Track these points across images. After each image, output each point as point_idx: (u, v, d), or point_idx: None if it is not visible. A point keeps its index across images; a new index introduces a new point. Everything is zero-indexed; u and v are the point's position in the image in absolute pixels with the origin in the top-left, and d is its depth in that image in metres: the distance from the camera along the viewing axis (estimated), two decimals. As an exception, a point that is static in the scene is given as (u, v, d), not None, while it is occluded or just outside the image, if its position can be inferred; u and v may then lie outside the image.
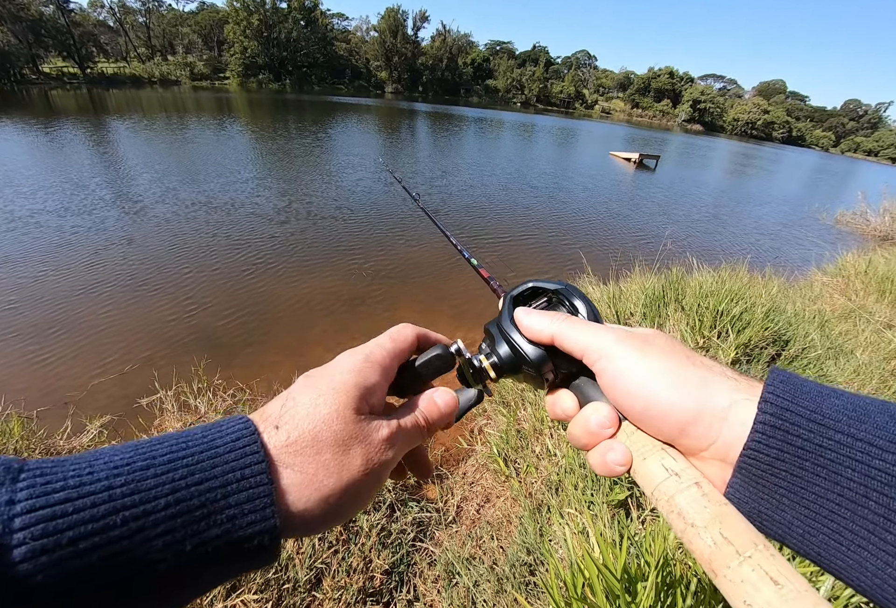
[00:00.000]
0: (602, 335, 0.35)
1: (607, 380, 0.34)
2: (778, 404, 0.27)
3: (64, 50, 42.08)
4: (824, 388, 0.28)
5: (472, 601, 1.65)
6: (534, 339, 0.38)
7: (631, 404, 0.33)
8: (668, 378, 0.31)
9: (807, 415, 0.26)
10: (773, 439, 0.26)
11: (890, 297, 4.84)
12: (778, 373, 0.29)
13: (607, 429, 0.34)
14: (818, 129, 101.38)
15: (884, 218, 10.92)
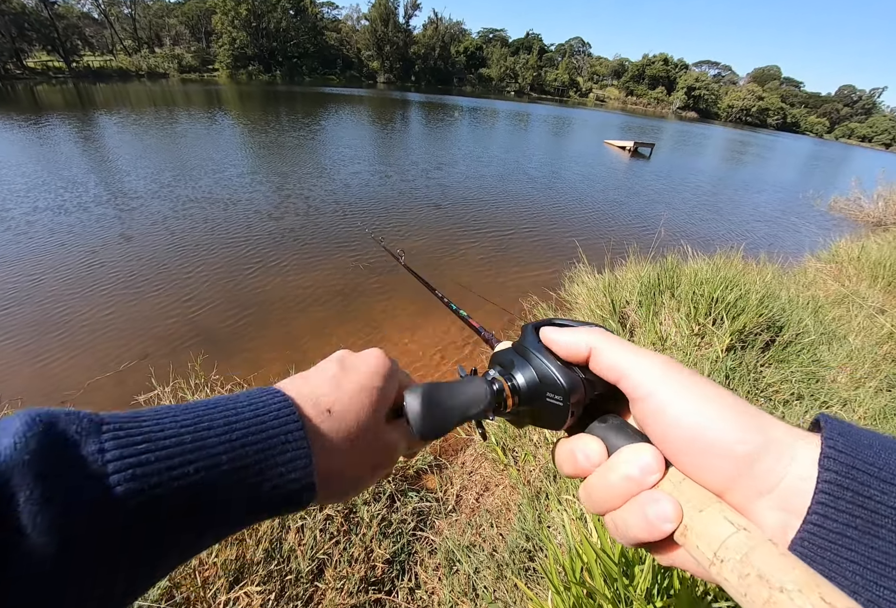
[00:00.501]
0: (647, 356, 0.31)
1: (652, 409, 0.29)
2: (842, 460, 0.24)
3: (48, 43, 41.20)
4: (885, 440, 0.25)
5: (473, 587, 1.68)
6: (568, 353, 0.33)
7: (681, 440, 0.27)
8: (726, 408, 0.27)
9: (875, 472, 0.23)
10: (842, 501, 0.23)
11: (882, 282, 4.87)
12: (833, 424, 0.26)
13: (652, 476, 0.28)
14: (813, 115, 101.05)
15: (877, 203, 10.95)
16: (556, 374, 0.32)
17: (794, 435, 0.26)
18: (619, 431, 0.31)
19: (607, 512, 0.30)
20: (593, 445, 0.31)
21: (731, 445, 0.26)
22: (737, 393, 1.31)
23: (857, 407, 2.47)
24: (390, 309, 4.42)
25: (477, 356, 3.69)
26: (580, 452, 0.31)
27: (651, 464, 0.28)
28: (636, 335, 3.16)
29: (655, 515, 0.26)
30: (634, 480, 0.28)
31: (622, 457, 0.29)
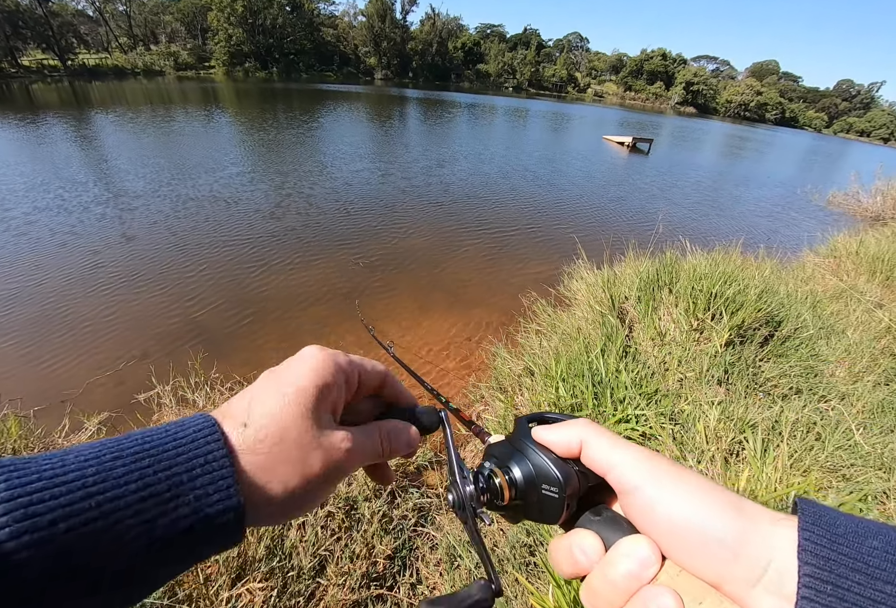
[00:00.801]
0: (632, 450, 0.32)
1: (640, 503, 0.29)
2: (818, 553, 0.25)
3: (43, 42, 40.92)
4: (859, 525, 0.26)
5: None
6: (562, 450, 0.34)
7: (671, 533, 0.28)
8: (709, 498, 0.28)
9: (850, 564, 0.24)
10: (823, 595, 0.24)
11: (881, 276, 4.88)
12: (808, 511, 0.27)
13: (650, 569, 0.28)
14: (811, 109, 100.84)
15: (875, 198, 10.96)
16: (551, 467, 0.33)
17: (773, 520, 0.27)
18: (613, 524, 0.31)
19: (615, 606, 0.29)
20: (590, 540, 0.31)
21: (719, 535, 0.27)
22: (736, 388, 1.31)
23: (855, 401, 2.48)
24: (390, 307, 4.42)
25: (477, 355, 3.69)
26: (577, 549, 0.31)
27: (649, 557, 0.28)
28: (635, 331, 3.17)
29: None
30: (635, 576, 0.28)
31: (621, 550, 0.29)
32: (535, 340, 3.26)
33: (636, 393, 2.43)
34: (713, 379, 2.58)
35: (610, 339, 2.88)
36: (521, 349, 3.32)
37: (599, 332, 3.02)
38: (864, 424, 2.28)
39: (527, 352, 3.16)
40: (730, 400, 2.38)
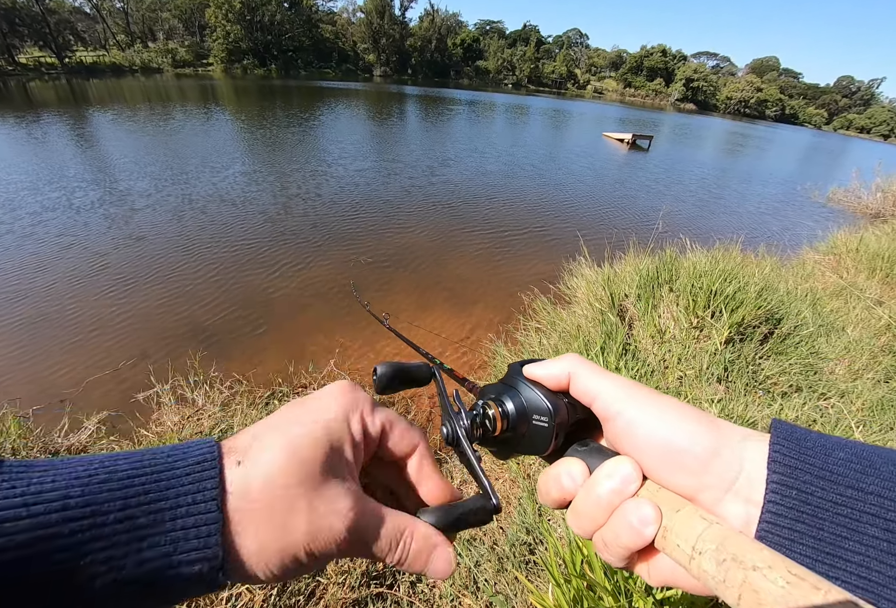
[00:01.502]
0: (615, 378, 0.34)
1: (622, 426, 0.31)
2: (786, 463, 0.27)
3: (40, 39, 40.69)
4: (828, 440, 0.28)
5: (474, 580, 1.69)
6: (552, 383, 0.36)
7: (651, 451, 0.30)
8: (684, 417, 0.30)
9: (815, 472, 0.26)
10: (788, 499, 0.26)
11: (881, 273, 4.88)
12: (780, 428, 0.29)
13: (632, 484, 0.30)
14: (811, 106, 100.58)
15: (876, 195, 10.94)
16: (542, 397, 0.35)
17: (744, 434, 0.29)
18: (598, 452, 0.33)
19: (595, 531, 0.31)
20: (576, 466, 0.32)
21: (693, 448, 0.29)
22: (735, 385, 1.31)
23: (854, 398, 2.48)
24: (390, 306, 4.41)
25: (476, 353, 3.69)
26: (564, 474, 0.32)
27: (631, 473, 0.30)
28: (635, 328, 3.17)
29: (638, 519, 0.28)
30: (617, 491, 0.30)
31: (603, 470, 0.31)
32: (534, 338, 3.25)
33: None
34: (713, 376, 2.58)
35: (610, 337, 2.88)
36: (520, 347, 3.32)
37: (599, 330, 3.01)
38: (864, 422, 2.28)
39: (526, 350, 3.16)
40: (729, 398, 2.38)
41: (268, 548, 0.25)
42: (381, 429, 0.32)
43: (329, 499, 0.27)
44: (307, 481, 0.26)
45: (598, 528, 0.31)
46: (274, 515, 0.25)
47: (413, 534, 0.30)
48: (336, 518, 0.26)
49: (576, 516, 0.32)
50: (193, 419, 2.60)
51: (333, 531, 0.26)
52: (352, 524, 0.27)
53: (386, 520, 0.29)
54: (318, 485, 0.26)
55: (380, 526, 0.28)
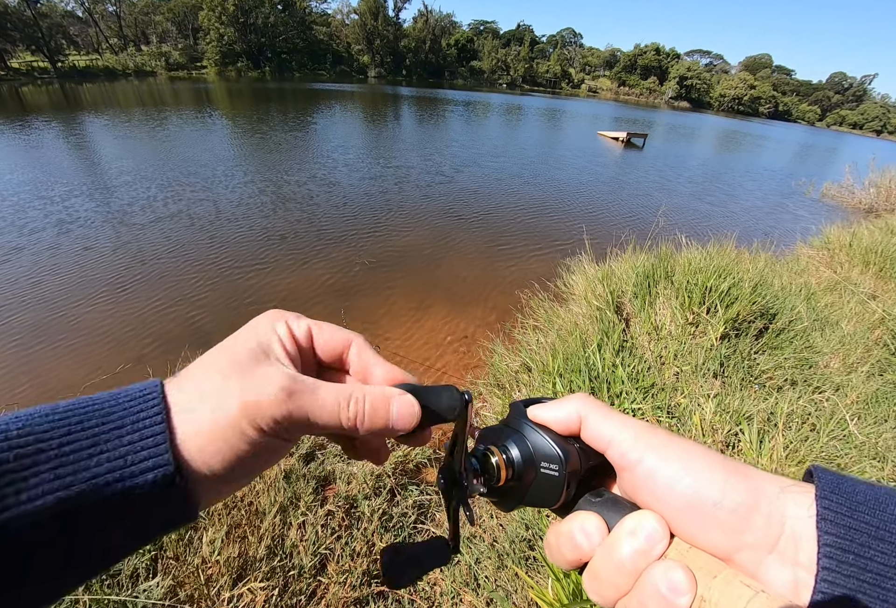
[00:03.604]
0: (631, 423, 0.30)
1: (642, 476, 0.28)
2: (839, 522, 0.23)
3: (32, 43, 40.44)
4: (878, 492, 0.24)
5: (475, 577, 1.70)
6: (561, 427, 0.32)
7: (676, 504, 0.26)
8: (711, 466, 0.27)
9: (873, 532, 0.23)
10: (845, 565, 0.23)
11: (874, 268, 4.91)
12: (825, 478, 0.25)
13: (659, 544, 0.26)
14: (804, 103, 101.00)
15: (869, 190, 11.01)
16: (550, 443, 0.31)
17: (781, 485, 0.26)
18: (615, 504, 0.29)
19: (618, 599, 0.27)
20: (592, 521, 0.28)
21: (724, 499, 0.25)
22: (731, 380, 1.32)
23: (849, 391, 2.50)
24: (388, 304, 4.42)
25: (474, 352, 3.70)
26: (578, 531, 0.28)
27: (657, 531, 0.26)
28: (631, 325, 3.18)
29: (669, 587, 0.24)
30: (642, 552, 0.26)
31: (625, 527, 0.27)
32: (532, 336, 3.26)
33: (633, 387, 2.44)
34: (709, 372, 2.60)
35: (606, 334, 2.89)
36: (518, 345, 3.33)
37: (596, 327, 3.03)
38: (859, 414, 2.30)
39: (524, 348, 3.17)
40: (725, 392, 2.40)
41: (211, 432, 0.25)
42: (308, 331, 0.32)
43: (259, 375, 0.27)
44: (237, 368, 0.27)
45: (621, 596, 0.27)
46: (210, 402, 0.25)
47: (363, 391, 0.29)
48: (266, 383, 0.26)
49: (595, 581, 0.28)
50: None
51: (268, 395, 0.26)
52: (285, 385, 0.27)
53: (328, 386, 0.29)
54: (247, 367, 0.27)
55: (323, 389, 0.28)
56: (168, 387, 0.26)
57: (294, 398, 0.27)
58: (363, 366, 0.33)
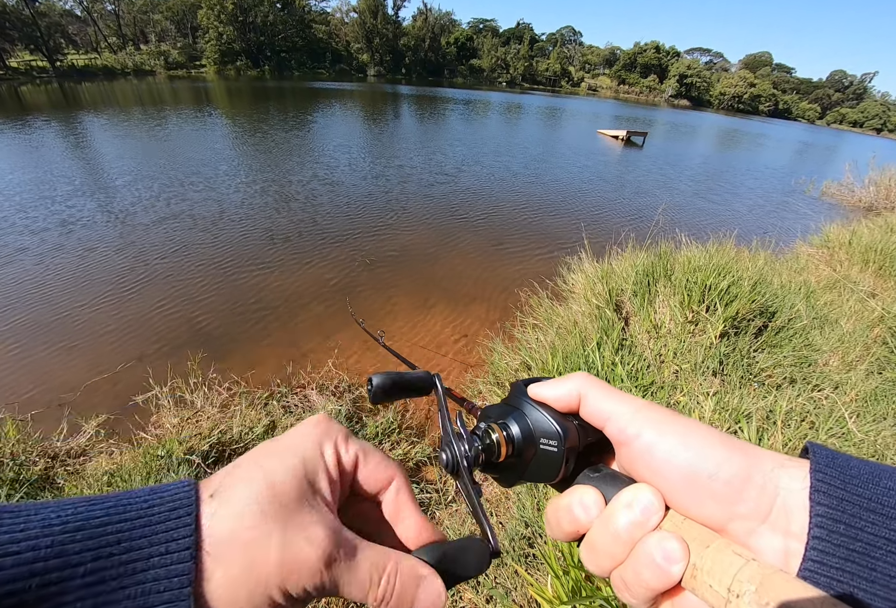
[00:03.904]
0: (629, 399, 0.31)
1: (639, 451, 0.29)
2: (832, 494, 0.24)
3: (31, 43, 40.36)
4: (873, 467, 0.25)
5: (474, 575, 1.70)
6: (561, 404, 0.33)
7: (673, 477, 0.27)
8: (708, 440, 0.27)
9: (864, 504, 0.24)
10: (836, 535, 0.23)
11: (873, 266, 4.91)
12: (821, 454, 0.26)
13: (654, 516, 0.27)
14: (804, 101, 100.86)
15: (868, 189, 11.00)
16: (550, 420, 0.32)
17: (777, 459, 0.26)
18: (613, 479, 0.30)
19: (614, 568, 0.28)
20: (590, 495, 0.29)
21: (720, 472, 0.26)
22: (731, 378, 1.32)
23: (848, 389, 2.50)
24: (390, 304, 4.42)
25: (474, 350, 3.70)
26: (577, 505, 0.29)
27: (652, 503, 0.27)
28: (631, 323, 3.19)
29: (663, 556, 0.25)
30: (637, 523, 0.27)
31: (621, 500, 0.28)
32: (531, 335, 3.27)
33: (632, 385, 2.44)
34: (708, 370, 2.60)
35: (606, 333, 2.89)
36: (517, 344, 3.33)
37: (596, 326, 3.03)
38: (858, 412, 2.30)
39: (523, 346, 3.17)
40: (725, 390, 2.40)
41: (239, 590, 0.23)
42: (355, 459, 0.30)
43: (302, 527, 0.24)
44: (280, 513, 0.24)
45: (616, 566, 0.28)
46: (246, 552, 0.23)
47: (398, 565, 0.27)
48: (309, 547, 0.24)
49: (591, 552, 0.29)
50: (192, 421, 2.61)
51: (307, 561, 0.24)
52: (327, 553, 0.24)
53: (367, 551, 0.26)
54: (292, 515, 0.25)
55: (360, 557, 0.26)
56: (203, 509, 0.24)
57: (332, 568, 0.24)
58: (397, 510, 0.31)
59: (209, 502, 0.25)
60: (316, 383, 3.09)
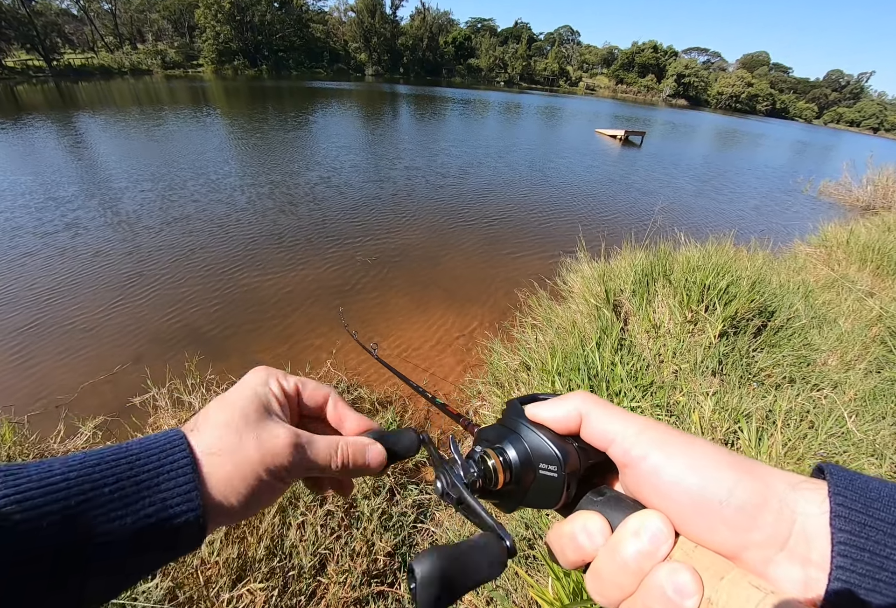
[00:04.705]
0: (634, 419, 0.30)
1: (646, 473, 0.27)
2: (854, 519, 0.23)
3: (27, 42, 40.17)
4: (891, 488, 0.24)
5: (474, 577, 1.69)
6: (560, 425, 0.32)
7: (682, 502, 0.26)
8: (718, 462, 0.26)
9: (888, 529, 0.22)
10: (860, 563, 0.22)
11: (871, 265, 4.92)
12: (837, 475, 0.25)
13: (664, 545, 0.25)
14: (801, 100, 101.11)
15: (866, 188, 11.03)
16: (548, 444, 0.31)
17: (791, 482, 0.25)
18: (618, 503, 0.29)
19: (622, 600, 0.26)
20: (594, 521, 0.28)
21: (731, 497, 0.25)
22: (730, 378, 1.31)
23: (847, 389, 2.50)
24: (385, 304, 4.41)
25: (473, 350, 3.70)
26: (581, 532, 0.28)
27: (661, 531, 0.25)
28: (630, 323, 3.18)
29: (675, 589, 0.23)
30: (646, 553, 0.25)
31: (628, 528, 0.26)
32: (530, 335, 3.26)
33: (632, 385, 2.44)
34: (707, 370, 2.60)
35: (605, 332, 2.89)
36: (516, 344, 3.32)
37: (595, 326, 3.03)
38: (857, 412, 2.30)
39: (522, 346, 3.17)
40: (724, 390, 2.40)
41: (233, 477, 0.31)
42: (296, 387, 0.39)
43: (269, 429, 0.33)
44: (249, 425, 0.33)
45: (625, 597, 0.26)
46: (232, 454, 0.31)
47: (346, 442, 0.37)
48: (277, 438, 0.33)
49: (598, 582, 0.27)
50: (190, 422, 2.59)
51: (279, 446, 0.33)
52: (292, 440, 0.34)
53: (321, 438, 0.36)
54: (259, 424, 0.33)
55: (316, 441, 0.36)
56: (190, 437, 0.32)
57: (298, 450, 0.34)
58: (338, 416, 0.41)
59: (194, 433, 0.32)
60: (314, 384, 3.07)
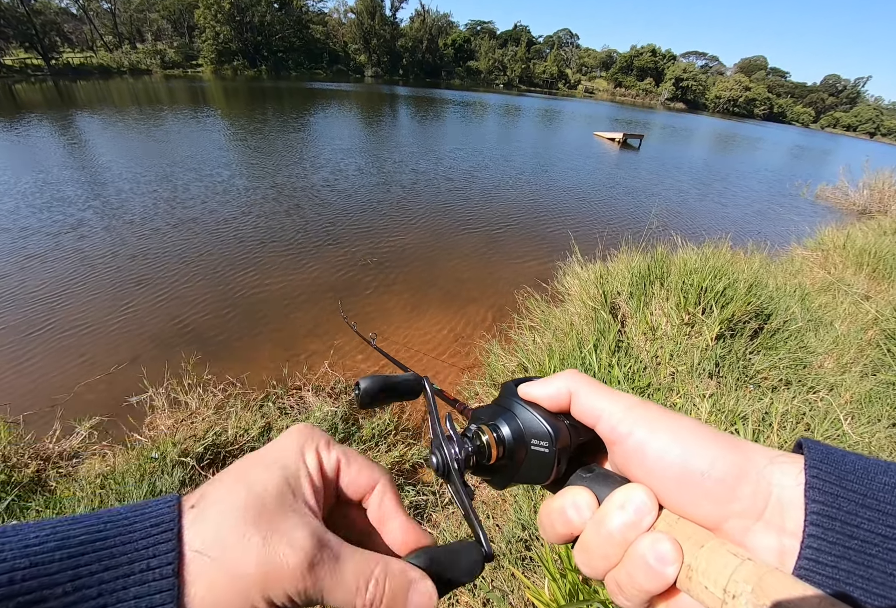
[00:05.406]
0: (621, 396, 0.31)
1: (632, 449, 0.28)
2: (827, 490, 0.24)
3: (26, 40, 40.07)
4: (867, 462, 0.25)
5: (470, 578, 1.69)
6: (551, 403, 0.33)
7: (666, 475, 0.27)
8: (701, 437, 0.27)
9: (860, 500, 0.23)
10: (832, 532, 0.23)
11: (867, 269, 4.95)
12: (814, 449, 0.26)
13: (648, 516, 0.26)
14: (798, 104, 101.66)
15: (862, 192, 11.10)
16: (540, 420, 0.32)
17: (770, 455, 0.26)
18: (606, 479, 0.30)
19: (608, 570, 0.27)
20: (583, 496, 0.29)
21: (712, 469, 0.26)
22: (727, 380, 1.33)
23: (843, 391, 2.51)
24: (384, 304, 4.41)
25: (471, 352, 3.70)
26: (570, 506, 0.29)
27: (645, 503, 0.26)
28: (627, 325, 3.19)
29: (656, 558, 0.24)
30: (630, 525, 0.26)
31: (614, 501, 0.27)
32: (528, 336, 3.27)
33: (629, 387, 2.45)
34: (704, 372, 2.61)
35: (602, 335, 2.90)
36: (514, 345, 3.33)
37: (592, 328, 3.04)
38: (852, 414, 2.31)
39: (520, 348, 3.17)
40: (721, 392, 2.41)
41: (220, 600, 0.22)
42: (338, 464, 0.29)
43: (284, 531, 0.24)
44: (261, 518, 0.24)
45: (611, 568, 0.27)
46: (226, 559, 0.23)
47: (386, 569, 0.26)
48: (290, 550, 0.23)
49: (585, 554, 0.28)
50: (187, 422, 2.59)
51: (289, 565, 0.23)
52: (309, 556, 0.23)
53: (353, 555, 0.25)
54: (274, 520, 0.24)
55: (345, 561, 0.25)
56: (185, 520, 0.24)
57: (315, 571, 0.24)
58: (382, 514, 0.30)
59: (191, 513, 0.24)
60: (312, 384, 3.07)
